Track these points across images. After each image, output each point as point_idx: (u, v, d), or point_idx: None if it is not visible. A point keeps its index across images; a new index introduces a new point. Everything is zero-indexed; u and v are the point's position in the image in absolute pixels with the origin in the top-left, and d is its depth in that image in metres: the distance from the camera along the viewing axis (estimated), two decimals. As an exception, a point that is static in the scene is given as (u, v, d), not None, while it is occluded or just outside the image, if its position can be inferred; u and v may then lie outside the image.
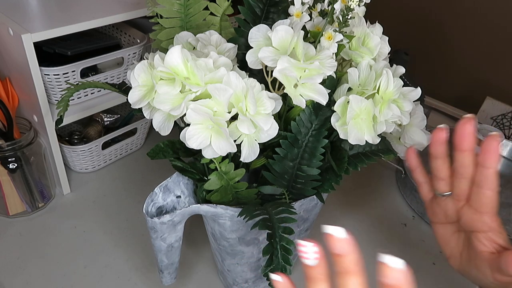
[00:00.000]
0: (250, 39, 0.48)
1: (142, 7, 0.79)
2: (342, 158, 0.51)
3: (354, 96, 0.46)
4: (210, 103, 0.43)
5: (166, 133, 0.47)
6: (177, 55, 0.44)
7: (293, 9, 0.53)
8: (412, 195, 0.88)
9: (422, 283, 0.75)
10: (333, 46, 0.48)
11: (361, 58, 0.51)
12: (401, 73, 0.55)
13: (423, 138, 0.55)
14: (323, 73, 0.45)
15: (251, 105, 0.44)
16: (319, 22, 0.54)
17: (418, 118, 0.55)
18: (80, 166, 0.90)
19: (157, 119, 0.47)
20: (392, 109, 0.48)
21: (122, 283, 0.70)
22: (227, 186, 0.52)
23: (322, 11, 0.55)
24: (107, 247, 0.76)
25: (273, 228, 0.46)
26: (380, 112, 0.47)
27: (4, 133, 0.76)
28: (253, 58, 0.49)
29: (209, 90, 0.43)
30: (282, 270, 0.45)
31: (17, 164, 0.77)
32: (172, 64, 0.44)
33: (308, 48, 0.48)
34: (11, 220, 0.79)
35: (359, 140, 0.47)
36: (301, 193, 0.54)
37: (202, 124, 0.44)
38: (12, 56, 0.73)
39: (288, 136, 0.51)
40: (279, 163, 0.53)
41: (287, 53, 0.46)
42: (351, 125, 0.47)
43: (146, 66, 0.46)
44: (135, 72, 0.46)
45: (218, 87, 0.43)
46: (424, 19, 1.18)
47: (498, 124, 1.07)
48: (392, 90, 0.48)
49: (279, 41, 0.46)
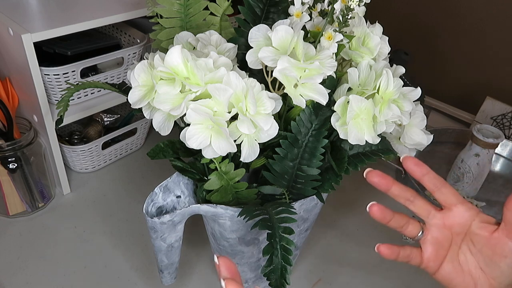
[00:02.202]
0: (250, 39, 0.48)
1: (142, 7, 0.79)
2: (342, 158, 0.51)
3: (354, 96, 0.46)
4: (210, 103, 0.44)
5: (166, 133, 0.47)
6: (177, 55, 0.44)
7: (293, 9, 0.53)
8: (412, 195, 0.88)
9: (422, 283, 0.75)
10: (333, 46, 0.48)
11: (361, 58, 0.51)
12: (401, 73, 0.55)
13: (423, 138, 0.55)
14: (323, 73, 0.45)
15: (251, 105, 0.44)
16: (319, 22, 0.54)
17: (418, 118, 0.55)
18: (80, 166, 0.90)
19: (157, 119, 0.47)
20: (392, 109, 0.48)
21: (122, 283, 0.70)
22: (227, 186, 0.52)
23: (322, 11, 0.55)
24: (107, 247, 0.76)
25: (273, 228, 0.46)
26: (380, 112, 0.47)
27: (4, 133, 0.76)
28: (253, 58, 0.49)
29: (209, 90, 0.43)
30: (282, 270, 0.45)
31: (17, 164, 0.77)
32: (172, 64, 0.44)
33: (308, 48, 0.48)
34: (11, 220, 0.79)
35: (359, 140, 0.47)
36: (301, 193, 0.54)
37: (202, 124, 0.44)
38: (12, 56, 0.73)
39: (288, 136, 0.51)
40: (279, 163, 0.53)
41: (287, 53, 0.46)
42: (351, 125, 0.47)
43: (146, 66, 0.46)
44: (135, 72, 0.46)
45: (218, 87, 0.43)
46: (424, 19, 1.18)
47: (498, 124, 1.07)
48: (392, 90, 0.48)
49: (279, 41, 0.46)
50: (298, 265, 0.75)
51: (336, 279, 0.74)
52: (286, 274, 0.45)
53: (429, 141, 0.56)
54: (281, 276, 0.45)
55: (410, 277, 0.75)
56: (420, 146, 0.56)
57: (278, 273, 0.45)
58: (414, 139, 0.54)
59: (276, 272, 0.45)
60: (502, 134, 0.85)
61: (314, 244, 0.79)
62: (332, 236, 0.82)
